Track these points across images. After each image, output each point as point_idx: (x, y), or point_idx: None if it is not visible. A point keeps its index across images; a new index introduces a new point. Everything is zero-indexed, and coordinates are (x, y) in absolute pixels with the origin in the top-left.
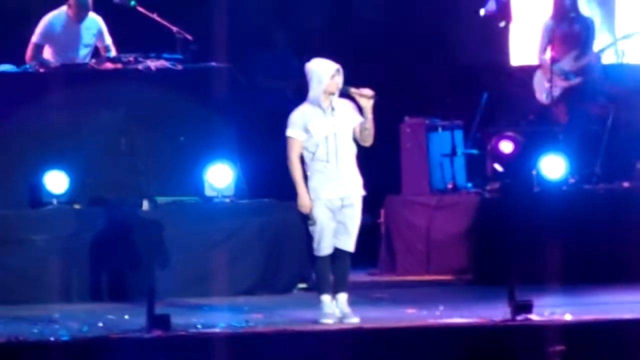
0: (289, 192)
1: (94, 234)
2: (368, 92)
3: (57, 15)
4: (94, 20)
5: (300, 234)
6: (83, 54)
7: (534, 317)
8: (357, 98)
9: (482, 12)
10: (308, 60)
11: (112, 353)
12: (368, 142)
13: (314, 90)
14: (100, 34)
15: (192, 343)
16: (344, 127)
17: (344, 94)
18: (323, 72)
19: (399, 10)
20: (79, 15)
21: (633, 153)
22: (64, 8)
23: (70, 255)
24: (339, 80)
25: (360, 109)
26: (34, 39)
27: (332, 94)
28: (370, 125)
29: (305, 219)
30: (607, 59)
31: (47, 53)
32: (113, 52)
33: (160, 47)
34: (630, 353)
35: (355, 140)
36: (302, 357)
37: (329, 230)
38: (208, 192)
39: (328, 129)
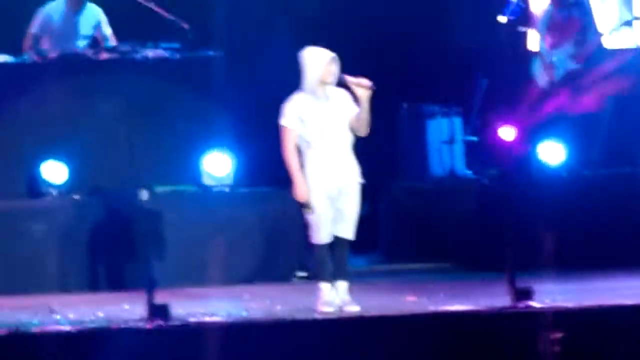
0: (288, 180)
1: (93, 223)
2: (365, 82)
3: (55, 6)
4: (93, 11)
5: (299, 222)
6: (81, 44)
7: (534, 303)
8: (354, 88)
9: (502, 19)
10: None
11: (113, 343)
12: (364, 132)
13: (309, 79)
14: (99, 25)
15: (192, 332)
16: (339, 117)
17: (341, 83)
18: (318, 60)
19: None
20: (77, 6)
21: (634, 138)
22: None
23: (69, 245)
24: (335, 69)
25: (357, 98)
26: (32, 29)
27: (327, 83)
28: (366, 115)
29: (303, 208)
30: (620, 40)
31: (45, 43)
32: (112, 42)
33: (158, 36)
34: (631, 339)
35: (351, 129)
36: (301, 346)
37: (326, 218)
38: (206, 181)
39: (323, 118)
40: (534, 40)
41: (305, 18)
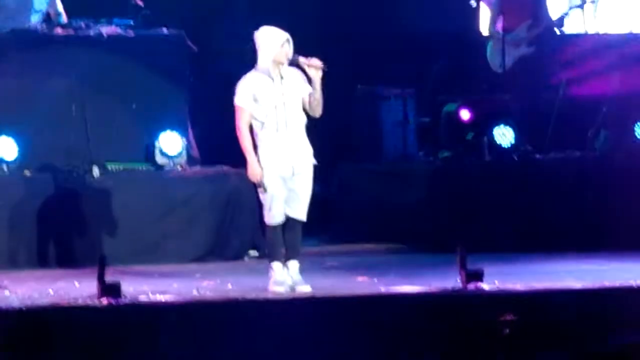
0: (243, 159)
1: (43, 200)
2: (317, 62)
3: None
4: None
5: (252, 201)
6: (34, 19)
7: (484, 285)
8: (306, 69)
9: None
10: (259, 27)
11: (63, 320)
12: (317, 112)
13: (263, 59)
14: (52, 1)
15: (143, 311)
16: (293, 97)
17: (294, 63)
18: (272, 40)
19: None
20: None
21: (585, 122)
22: None
23: (19, 221)
24: (289, 49)
25: (310, 79)
26: None
27: (282, 63)
28: (318, 96)
29: (256, 188)
30: (571, 23)
31: None
32: (64, 19)
33: (112, 12)
34: (578, 321)
35: (305, 110)
36: (253, 325)
37: (279, 198)
38: (159, 160)
39: (277, 98)
40: (485, 24)
41: None
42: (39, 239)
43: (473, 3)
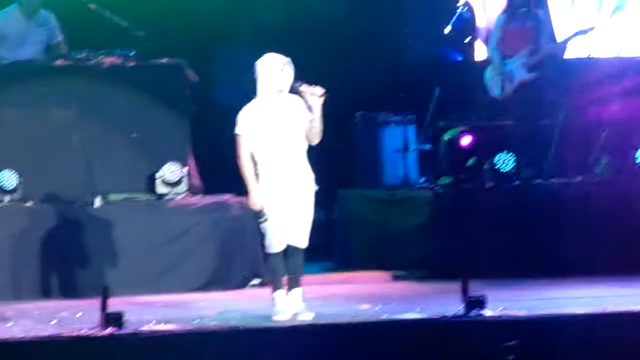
0: (244, 188)
1: (46, 231)
2: (318, 90)
3: (8, 12)
4: (46, 17)
5: (253, 229)
6: (34, 50)
7: (487, 312)
8: (307, 96)
9: (447, 30)
10: (260, 55)
11: (66, 351)
12: (316, 139)
13: (263, 87)
14: (52, 31)
15: (145, 341)
16: (293, 124)
17: (295, 90)
18: (271, 67)
19: (351, 7)
20: (31, 13)
21: (585, 147)
22: (15, 5)
23: (22, 252)
24: (288, 73)
25: (310, 106)
26: None
27: (282, 89)
28: (318, 124)
29: (257, 216)
30: (574, 49)
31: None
32: (64, 49)
33: (112, 43)
34: (583, 347)
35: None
36: (255, 353)
37: (280, 226)
38: (161, 189)
39: (278, 125)
40: (482, 50)
41: (262, 26)
42: (42, 270)
43: (467, 40)
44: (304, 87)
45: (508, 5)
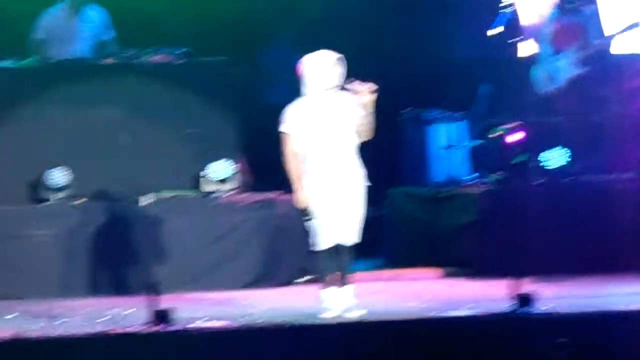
0: (291, 185)
1: (95, 229)
2: (370, 86)
3: (57, 10)
4: (96, 14)
5: (301, 226)
6: (83, 47)
7: (537, 309)
8: (359, 92)
9: (491, 32)
10: (308, 52)
11: (115, 348)
12: (368, 136)
13: (312, 84)
14: (101, 28)
15: (193, 337)
16: (343, 121)
17: (346, 87)
18: (322, 64)
19: (399, 3)
20: (80, 10)
21: (636, 143)
22: (62, 2)
23: (71, 250)
24: (340, 71)
25: (361, 102)
26: (36, 34)
27: (332, 86)
28: (370, 120)
29: (303, 214)
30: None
31: (49, 49)
32: (115, 47)
33: (161, 41)
34: (634, 345)
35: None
36: (303, 351)
37: (327, 224)
38: (210, 187)
39: (326, 123)
40: (528, 48)
41: (309, 23)
42: (91, 267)
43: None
44: (356, 84)
45: (558, 1)
